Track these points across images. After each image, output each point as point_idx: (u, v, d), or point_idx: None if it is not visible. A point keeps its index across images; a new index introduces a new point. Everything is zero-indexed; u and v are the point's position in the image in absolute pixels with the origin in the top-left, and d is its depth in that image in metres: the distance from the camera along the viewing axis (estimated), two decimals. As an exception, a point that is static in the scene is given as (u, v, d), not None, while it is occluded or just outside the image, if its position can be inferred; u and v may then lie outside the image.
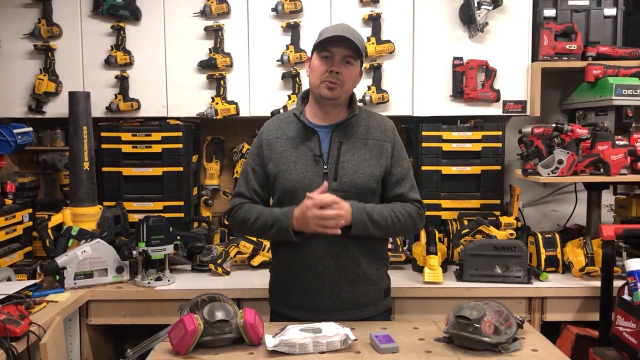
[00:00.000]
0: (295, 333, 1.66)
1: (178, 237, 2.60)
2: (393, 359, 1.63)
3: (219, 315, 1.69)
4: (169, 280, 2.52)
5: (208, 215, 3.13)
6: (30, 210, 2.65)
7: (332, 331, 1.68)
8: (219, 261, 2.65)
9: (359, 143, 1.96)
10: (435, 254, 2.56)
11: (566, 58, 2.85)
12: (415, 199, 2.01)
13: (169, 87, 2.90)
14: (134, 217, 2.80)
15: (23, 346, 1.90)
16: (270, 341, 1.64)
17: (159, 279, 2.51)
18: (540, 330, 2.50)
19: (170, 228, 2.55)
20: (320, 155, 1.93)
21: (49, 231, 2.61)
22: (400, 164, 2.01)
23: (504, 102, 2.92)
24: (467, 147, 2.93)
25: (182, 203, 2.90)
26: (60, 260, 2.44)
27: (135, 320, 2.49)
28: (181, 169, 2.90)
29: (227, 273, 2.64)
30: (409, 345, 1.72)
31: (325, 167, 1.92)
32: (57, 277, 2.44)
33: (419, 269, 2.64)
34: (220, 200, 3.23)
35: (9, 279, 2.32)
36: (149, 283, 2.49)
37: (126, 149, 2.89)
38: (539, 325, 2.50)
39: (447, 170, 2.93)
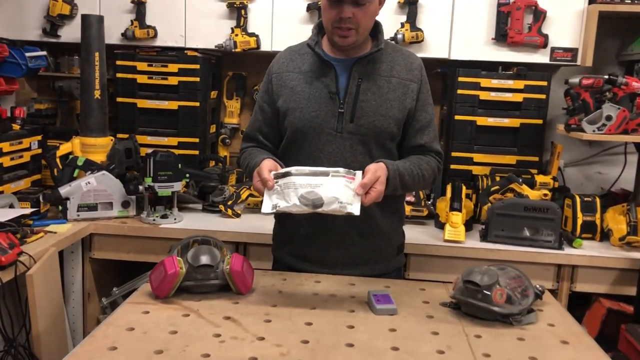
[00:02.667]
0: (293, 199, 1.47)
1: (187, 175, 2.47)
2: (389, 322, 1.47)
3: (204, 259, 1.55)
4: (175, 219, 2.42)
5: (225, 155, 2.99)
6: (39, 138, 2.57)
7: (333, 205, 1.47)
8: (229, 203, 2.52)
9: (382, 81, 1.74)
10: (460, 210, 2.36)
11: (629, 1, 2.51)
12: (437, 151, 1.81)
13: (188, 14, 2.71)
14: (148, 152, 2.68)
15: (9, 276, 1.83)
16: (266, 204, 1.49)
17: (164, 216, 2.41)
18: (568, 301, 2.30)
19: (179, 165, 2.43)
20: (336, 93, 1.73)
21: (57, 160, 2.53)
22: (426, 109, 1.80)
23: (552, 49, 2.62)
24: (507, 97, 2.66)
25: (197, 140, 2.77)
26: (64, 190, 2.35)
27: (139, 257, 2.41)
28: (197, 104, 2.75)
29: (237, 215, 2.51)
30: (409, 308, 1.56)
31: (341, 106, 1.72)
32: (60, 207, 2.36)
33: (441, 226, 2.45)
34: (239, 140, 3.05)
35: (11, 206, 2.25)
36: (154, 220, 2.39)
37: (142, 79, 2.76)
38: (566, 295, 2.30)
39: (482, 121, 2.68)
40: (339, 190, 1.49)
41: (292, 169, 1.51)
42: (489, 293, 1.46)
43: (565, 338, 1.43)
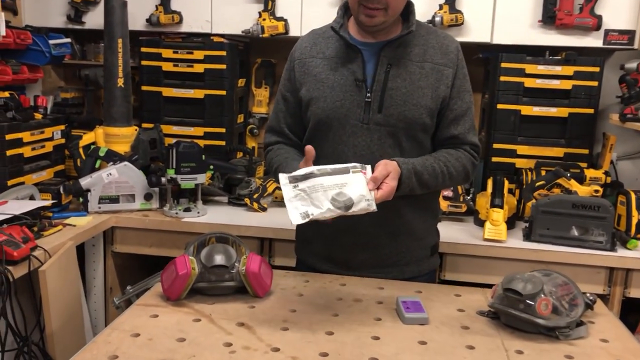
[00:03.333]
0: (326, 203, 1.32)
1: (211, 167, 2.36)
2: (419, 333, 1.32)
3: (218, 259, 1.44)
4: (198, 212, 2.31)
5: (253, 146, 2.88)
6: (62, 127, 2.50)
7: (362, 204, 1.34)
8: (255, 196, 2.41)
9: (413, 66, 1.58)
10: (501, 207, 2.18)
11: (694, -22, 2.28)
12: (472, 143, 1.65)
13: (214, -1, 2.60)
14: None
15: (23, 271, 1.75)
16: (294, 214, 1.32)
17: (188, 209, 2.31)
18: (620, 308, 2.10)
19: (203, 156, 2.32)
20: (363, 80, 1.58)
21: (80, 150, 2.46)
22: (462, 96, 1.63)
23: (606, 32, 2.40)
24: (555, 84, 2.46)
25: (223, 130, 2.66)
26: (85, 181, 2.27)
27: (161, 251, 2.32)
28: (224, 92, 2.63)
29: (263, 209, 2.39)
30: (442, 317, 1.41)
31: (368, 94, 1.57)
32: (81, 199, 2.29)
33: (481, 223, 2.28)
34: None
35: (31, 198, 2.19)
36: (176, 213, 2.29)
37: (167, 67, 2.66)
38: (619, 302, 2.10)
39: (527, 110, 2.48)
40: (363, 187, 1.35)
41: (314, 169, 1.37)
42: (532, 303, 1.30)
43: (621, 357, 1.25)
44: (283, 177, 1.35)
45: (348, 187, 1.33)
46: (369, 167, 1.41)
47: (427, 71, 1.58)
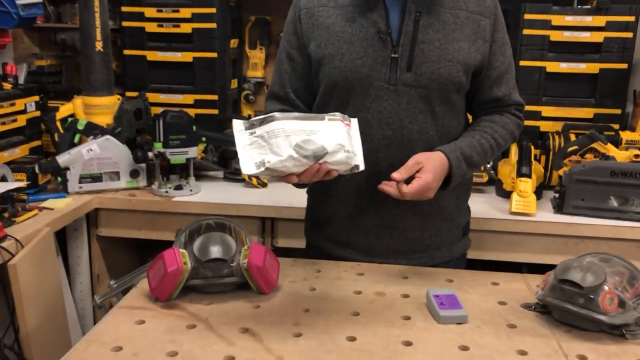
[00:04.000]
0: (286, 150, 1.07)
1: (204, 138, 2.12)
2: (458, 335, 1.11)
3: (214, 252, 1.21)
4: (190, 190, 2.08)
5: (249, 114, 2.62)
6: (36, 98, 2.24)
7: (339, 155, 1.11)
8: (253, 180, 2.17)
9: (446, 15, 1.33)
10: (529, 176, 1.95)
11: None
12: (517, 103, 1.44)
13: (200, -53, 2.31)
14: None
15: (-9, 265, 1.53)
16: (247, 162, 1.07)
17: (179, 187, 2.07)
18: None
19: (194, 127, 2.07)
20: (387, 32, 1.32)
21: (58, 124, 2.20)
22: (503, 51, 1.40)
23: (644, -25, 2.14)
24: (584, 37, 2.20)
25: (216, 97, 2.40)
26: (62, 159, 2.03)
27: (152, 234, 2.09)
28: (215, 54, 2.37)
29: (264, 185, 2.16)
30: (482, 313, 1.19)
31: (394, 49, 1.32)
32: (59, 178, 2.05)
33: (505, 194, 2.06)
34: (265, 96, 2.69)
35: (3, 178, 1.94)
36: (166, 192, 2.06)
37: (150, 27, 2.38)
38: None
39: (553, 67, 2.23)
40: (342, 136, 1.12)
41: (276, 113, 1.12)
42: (594, 297, 1.08)
43: None
44: (238, 123, 1.11)
45: (320, 135, 1.10)
46: (355, 120, 1.20)
47: (462, 20, 1.33)
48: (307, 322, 1.13)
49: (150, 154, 2.06)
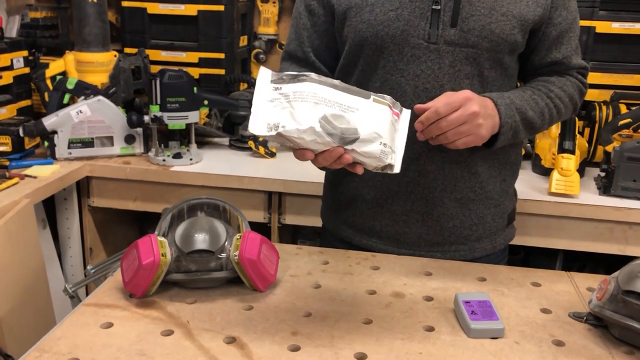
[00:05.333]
0: (308, 119, 0.85)
1: (206, 102, 1.90)
2: (492, 354, 0.90)
3: (199, 241, 1.00)
4: (190, 159, 1.87)
5: (260, 75, 2.39)
6: (25, 53, 2.03)
7: (373, 145, 0.87)
8: (261, 138, 1.95)
9: None
10: (573, 152, 1.71)
11: None
12: (580, 66, 1.21)
13: None
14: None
15: (-43, 242, 1.35)
16: (258, 121, 0.85)
17: (177, 155, 1.86)
18: None
19: (195, 88, 1.85)
20: None
21: (48, 82, 2.01)
22: (567, 4, 1.16)
23: None
24: (642, -8, 1.92)
25: (222, 55, 2.17)
26: (49, 121, 1.83)
27: (148, 206, 1.90)
28: (222, 7, 2.13)
29: (271, 155, 1.94)
30: (522, 324, 0.97)
31: (436, 1, 1.09)
32: (46, 143, 1.86)
33: (544, 172, 1.83)
34: (277, 56, 2.45)
35: (-16, 142, 1.76)
36: (163, 160, 1.85)
37: (151, -25, 2.15)
38: None
39: (604, 27, 1.95)
40: (384, 125, 0.88)
41: (313, 74, 0.89)
42: (668, 315, 0.86)
43: None
44: (265, 72, 0.89)
45: (357, 115, 0.87)
46: (407, 111, 0.94)
47: None
48: (308, 331, 0.93)
49: (146, 118, 1.85)
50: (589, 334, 0.95)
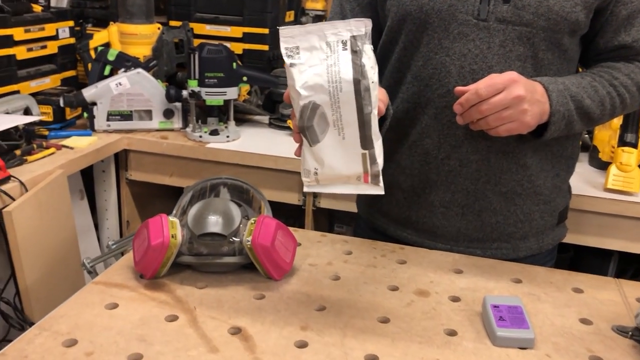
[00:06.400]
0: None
1: (245, 78, 1.85)
2: (514, 358, 0.81)
3: (211, 224, 0.95)
4: (227, 137, 1.83)
5: (305, 52, 2.32)
6: (70, 23, 2.03)
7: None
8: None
9: None
10: (635, 146, 1.57)
11: None
12: None
13: None
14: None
15: (-13, 210, 1.36)
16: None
17: (214, 132, 1.83)
18: None
19: (234, 64, 1.80)
20: None
21: (92, 52, 2.00)
22: None
23: None
24: None
25: (266, 31, 2.11)
26: (89, 92, 1.82)
27: (184, 182, 1.87)
28: (268, -19, 2.07)
29: (311, 135, 1.88)
30: (556, 334, 0.88)
31: None
32: (86, 114, 1.85)
33: (601, 165, 1.69)
34: (325, 32, 2.37)
35: (26, 111, 1.77)
36: (200, 137, 1.82)
37: (198, -53, 2.11)
38: None
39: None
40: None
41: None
42: None
43: None
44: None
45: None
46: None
47: None
48: (319, 327, 0.87)
49: (184, 93, 1.82)
50: (633, 352, 0.85)
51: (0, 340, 1.47)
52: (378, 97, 0.81)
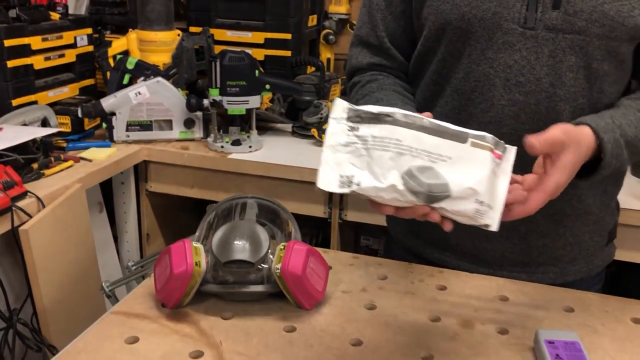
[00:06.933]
0: (390, 175, 0.69)
1: (267, 86, 1.78)
2: (581, 414, 0.73)
3: (238, 250, 0.88)
4: (250, 147, 1.76)
5: (328, 57, 2.24)
6: (89, 31, 1.97)
7: (467, 203, 0.70)
8: (325, 126, 1.81)
9: None
10: (684, 156, 1.47)
11: None
12: None
13: None
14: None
15: (5, 227, 1.30)
16: (328, 174, 0.70)
17: (236, 142, 1.76)
18: None
19: (257, 71, 1.74)
20: None
21: (111, 61, 1.95)
22: None
23: None
24: None
25: (289, 36, 2.04)
26: (107, 102, 1.77)
27: (205, 194, 1.81)
28: (291, -16, 2.00)
29: (336, 144, 1.80)
30: (621, 377, 0.80)
31: None
32: (104, 124, 1.80)
33: (646, 176, 1.59)
34: (349, 37, 2.29)
35: (44, 122, 1.72)
36: (222, 147, 1.76)
37: (218, -49, 2.05)
38: None
39: None
40: (481, 176, 0.70)
41: (397, 111, 0.72)
42: None
43: None
44: (340, 105, 0.73)
45: (449, 165, 0.70)
46: (512, 149, 0.75)
47: None
48: (356, 365, 0.80)
49: (205, 102, 1.75)
50: None
51: (18, 362, 1.42)
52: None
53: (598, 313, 0.94)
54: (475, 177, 0.69)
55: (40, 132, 1.56)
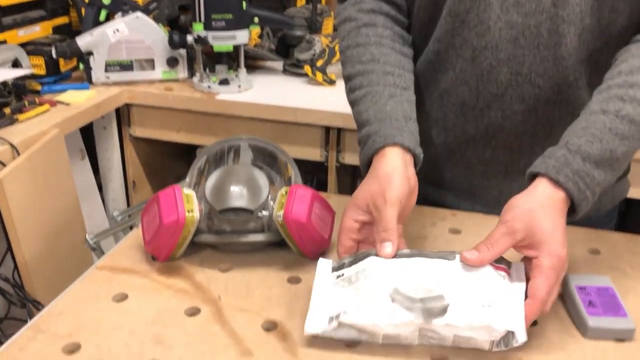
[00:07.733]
0: (379, 298, 0.66)
1: (256, 19, 1.65)
2: (617, 356, 0.67)
3: (235, 196, 0.79)
4: (239, 86, 1.65)
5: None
6: (59, -37, 1.82)
7: (471, 318, 0.64)
8: (319, 62, 1.70)
9: None
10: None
11: None
12: None
13: None
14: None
15: (-25, 178, 1.20)
16: (316, 316, 0.68)
17: (224, 81, 1.65)
18: None
19: (244, 3, 1.61)
20: None
21: (85, -4, 1.80)
22: None
23: None
24: None
25: (277, -35, 1.90)
26: (83, 41, 1.64)
27: (193, 138, 1.71)
28: None
29: (331, 82, 1.69)
30: (659, 323, 0.73)
31: None
32: (82, 65, 1.67)
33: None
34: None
35: (15, 63, 1.59)
36: (209, 87, 1.64)
37: None
38: None
39: None
40: (491, 288, 0.67)
41: (373, 250, 0.73)
42: None
43: None
44: (325, 264, 0.75)
45: (437, 278, 0.68)
46: (519, 266, 0.71)
47: None
48: (370, 319, 0.72)
49: (189, 38, 1.63)
50: None
51: (2, 319, 1.35)
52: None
53: (626, 254, 0.87)
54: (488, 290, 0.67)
55: (11, 74, 1.44)
